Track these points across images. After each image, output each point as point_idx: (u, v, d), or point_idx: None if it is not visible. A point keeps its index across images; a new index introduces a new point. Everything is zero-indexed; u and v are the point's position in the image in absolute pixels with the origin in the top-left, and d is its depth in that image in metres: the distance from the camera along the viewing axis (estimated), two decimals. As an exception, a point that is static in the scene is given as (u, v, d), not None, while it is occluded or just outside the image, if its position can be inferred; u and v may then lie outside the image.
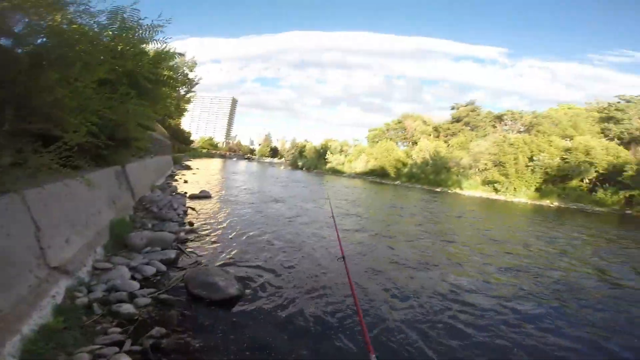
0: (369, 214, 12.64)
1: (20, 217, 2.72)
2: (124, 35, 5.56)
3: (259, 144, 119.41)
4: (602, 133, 35.05)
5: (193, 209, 8.92)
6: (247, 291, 4.07)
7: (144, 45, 6.03)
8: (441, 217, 13.82)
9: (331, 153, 54.71)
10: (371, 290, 4.59)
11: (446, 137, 50.84)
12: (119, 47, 5.53)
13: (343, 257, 2.70)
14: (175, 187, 12.60)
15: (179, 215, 7.57)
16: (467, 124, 52.77)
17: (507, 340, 3.58)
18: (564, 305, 4.73)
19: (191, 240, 5.90)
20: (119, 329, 2.72)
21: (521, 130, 42.58)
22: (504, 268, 6.42)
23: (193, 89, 33.11)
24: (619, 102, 39.52)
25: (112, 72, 4.70)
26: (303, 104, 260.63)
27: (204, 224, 7.45)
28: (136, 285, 3.62)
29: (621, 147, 29.85)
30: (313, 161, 57.22)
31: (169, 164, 21.30)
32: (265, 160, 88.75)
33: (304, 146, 70.65)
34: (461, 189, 32.69)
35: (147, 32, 5.82)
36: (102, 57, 4.64)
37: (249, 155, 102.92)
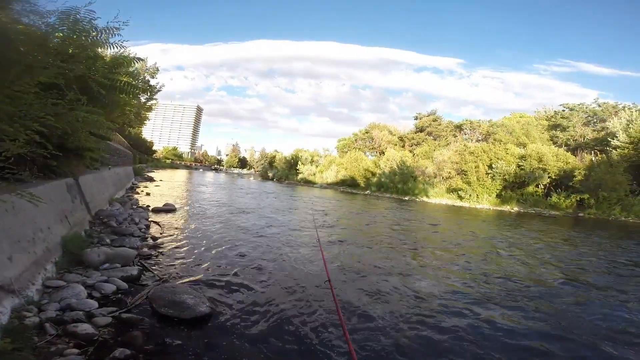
0: (343, 222, 12.65)
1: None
2: (75, 37, 5.16)
3: (227, 154, 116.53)
4: (551, 140, 38.28)
5: (156, 222, 8.38)
6: (219, 308, 3.80)
7: (99, 49, 5.62)
8: (412, 224, 14.03)
9: (302, 163, 54.59)
10: (351, 302, 4.49)
11: (411, 146, 52.96)
12: (70, 50, 5.11)
13: (329, 280, 2.71)
14: (137, 200, 11.78)
15: (140, 229, 7.06)
16: (429, 133, 55.42)
17: (480, 343, 3.65)
18: (528, 307, 4.88)
19: (155, 257, 5.47)
20: (76, 350, 2.41)
21: (479, 138, 45.35)
22: (481, 273, 6.53)
23: (155, 97, 31.73)
24: (563, 110, 43.64)
25: (61, 77, 4.28)
26: (272, 114, 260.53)
27: (169, 238, 6.97)
28: (94, 304, 3.26)
29: (569, 154, 32.73)
30: (284, 172, 56.72)
31: (130, 176, 20.04)
32: (234, 171, 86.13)
33: (274, 156, 69.97)
34: (427, 197, 33.90)
35: (102, 35, 5.46)
36: (49, 60, 4.26)
37: (216, 166, 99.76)
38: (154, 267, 4.90)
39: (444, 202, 32.18)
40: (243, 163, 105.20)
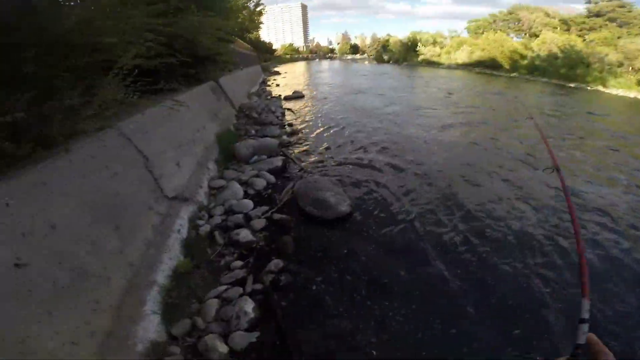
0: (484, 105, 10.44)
1: (124, 152, 2.56)
2: None
3: (338, 43, 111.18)
4: None
5: (290, 109, 8.90)
6: (360, 207, 3.72)
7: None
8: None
9: (423, 45, 47.33)
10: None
11: (580, 31, 38.50)
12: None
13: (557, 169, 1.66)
14: (270, 92, 12.74)
15: (277, 117, 7.54)
16: (612, 19, 38.35)
17: None
18: None
19: (294, 144, 5.78)
20: (240, 263, 2.65)
21: None
22: None
23: (261, 2, 31.21)
24: None
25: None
26: None
27: (303, 124, 7.33)
28: (250, 204, 3.54)
29: None
30: (401, 54, 50.75)
31: (259, 73, 21.69)
32: (347, 57, 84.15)
33: (387, 40, 62.70)
34: (605, 86, 24.95)
35: None
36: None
37: (330, 54, 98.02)
38: (294, 156, 5.16)
39: (632, 95, 23.06)
40: (355, 49, 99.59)
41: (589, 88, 25.42)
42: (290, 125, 7.08)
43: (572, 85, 26.25)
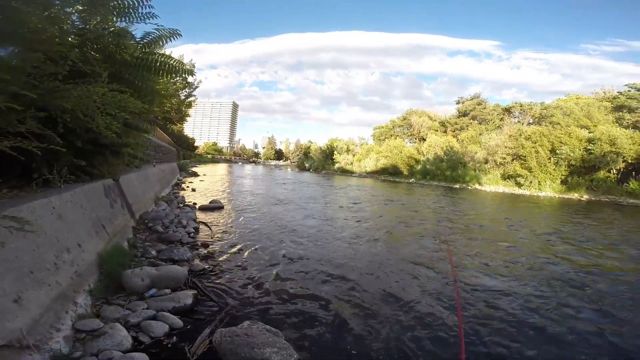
0: (398, 212, 11.19)
1: None
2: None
3: (263, 147, 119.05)
4: (617, 122, 33.39)
5: (205, 224, 7.49)
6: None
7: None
8: (470, 213, 12.78)
9: (338, 153, 53.70)
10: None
11: (454, 132, 49.73)
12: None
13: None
14: (183, 198, 11.17)
15: (189, 234, 6.16)
16: (474, 117, 51.59)
17: None
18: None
19: (209, 272, 4.41)
20: None
21: (530, 122, 41.14)
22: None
23: (194, 93, 32.05)
24: (629, 91, 37.92)
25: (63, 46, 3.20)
26: (304, 105, 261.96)
27: (221, 244, 5.98)
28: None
29: (645, 135, 28.10)
30: (320, 162, 56.07)
31: (175, 172, 19.98)
32: (271, 163, 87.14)
33: (309, 147, 69.91)
34: (480, 184, 31.18)
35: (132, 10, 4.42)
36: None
37: (254, 158, 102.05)
38: (210, 288, 3.85)
39: (500, 189, 29.34)
40: (279, 155, 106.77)
41: (469, 187, 30.92)
42: (206, 245, 5.72)
43: (456, 186, 31.68)
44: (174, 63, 4.63)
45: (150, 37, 4.58)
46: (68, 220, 3.13)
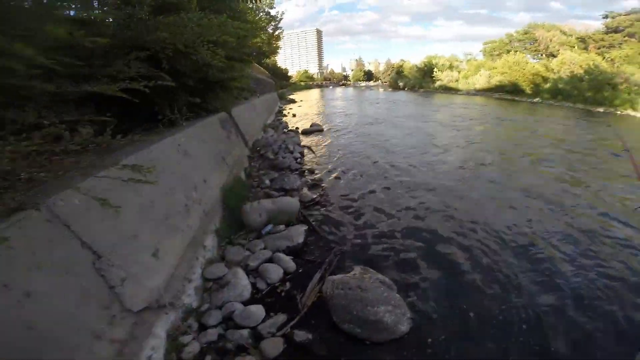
0: (518, 135, 9.07)
1: (56, 248, 1.52)
2: None
3: (352, 70, 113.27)
4: None
5: (309, 148, 7.81)
6: (425, 315, 2.46)
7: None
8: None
9: (439, 70, 46.93)
10: None
11: (599, 49, 37.28)
12: None
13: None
14: (286, 123, 11.78)
15: (296, 159, 6.44)
16: (631, 35, 37.11)
17: None
18: None
19: (317, 203, 4.49)
20: None
21: None
22: None
23: (279, 26, 31.53)
24: None
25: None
26: (390, 23, 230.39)
27: (326, 169, 6.14)
28: (259, 312, 2.35)
29: None
30: (417, 80, 50.35)
31: (276, 101, 20.96)
32: (362, 84, 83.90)
33: (401, 66, 62.89)
34: (636, 110, 23.37)
35: None
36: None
37: (343, 81, 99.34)
38: (319, 223, 3.88)
39: None
40: (369, 76, 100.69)
41: (618, 113, 23.83)
42: (312, 172, 5.92)
43: (600, 109, 24.72)
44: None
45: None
46: (193, 155, 3.33)
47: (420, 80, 49.67)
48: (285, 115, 15.44)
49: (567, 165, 6.59)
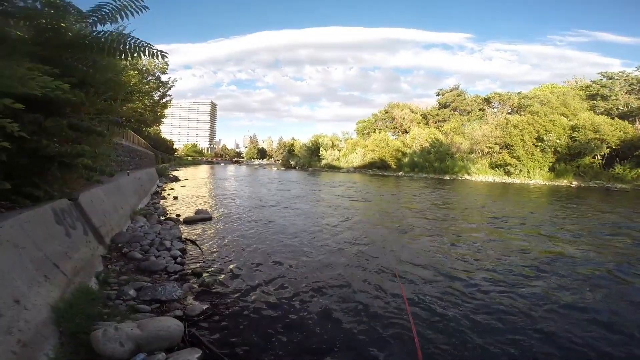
0: (390, 207, 10.69)
1: None
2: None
3: (245, 147, 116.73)
4: (591, 110, 34.25)
5: (193, 242, 6.26)
6: None
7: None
8: (467, 204, 12.61)
9: (323, 149, 53.05)
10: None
11: (436, 123, 50.33)
12: None
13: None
14: (164, 209, 9.84)
15: (175, 259, 4.95)
16: (455, 109, 52.45)
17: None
18: None
19: (210, 315, 3.31)
20: None
21: (509, 112, 41.85)
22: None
23: (169, 93, 30.06)
24: (601, 79, 39.07)
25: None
26: (284, 103, 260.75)
27: (216, 268, 4.86)
28: None
29: (625, 122, 28.88)
30: (306, 159, 55.22)
31: (153, 179, 18.12)
32: (255, 163, 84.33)
33: (292, 144, 68.90)
34: (469, 174, 31.25)
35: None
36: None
37: (236, 158, 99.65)
38: (221, 347, 2.76)
39: (490, 179, 29.46)
40: (262, 154, 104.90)
41: (459, 178, 30.96)
42: (198, 275, 4.49)
43: (446, 177, 31.65)
44: (137, 42, 3.48)
45: (104, 9, 3.41)
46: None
47: (309, 159, 54.55)
48: (164, 198, 13.16)
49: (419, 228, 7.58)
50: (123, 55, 3.50)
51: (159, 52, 3.63)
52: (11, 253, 2.39)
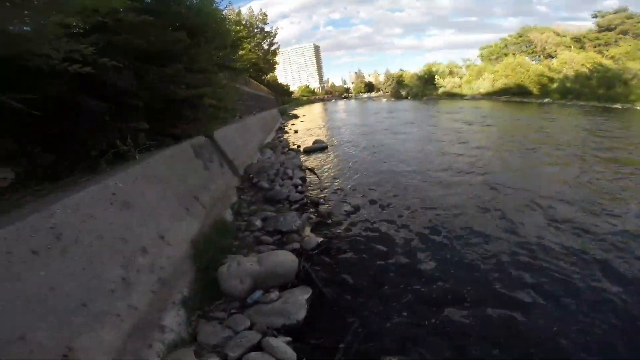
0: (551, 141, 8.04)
1: None
2: None
3: (352, 82, 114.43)
4: None
5: (312, 170, 6.63)
6: None
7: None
8: None
9: (439, 77, 46.65)
10: None
11: (596, 47, 37.27)
12: None
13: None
14: (287, 141, 10.76)
15: (296, 187, 5.31)
16: (624, 32, 37.22)
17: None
18: None
19: (324, 250, 3.35)
20: None
21: None
22: None
23: (275, 41, 31.36)
24: None
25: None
26: (384, 36, 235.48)
27: (333, 198, 4.99)
28: None
29: None
30: (419, 88, 50.03)
31: (276, 118, 20.09)
32: (363, 96, 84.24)
33: (401, 75, 63.22)
34: None
35: None
36: None
37: (345, 94, 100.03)
38: (330, 287, 2.76)
39: None
40: (370, 87, 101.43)
41: (638, 107, 22.72)
42: (316, 203, 4.68)
43: (618, 106, 23.61)
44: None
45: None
46: (140, 205, 2.35)
47: (423, 88, 49.38)
48: (286, 132, 14.55)
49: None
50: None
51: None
52: (158, 187, 2.69)
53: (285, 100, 44.72)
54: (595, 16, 43.61)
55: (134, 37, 2.50)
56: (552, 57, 38.54)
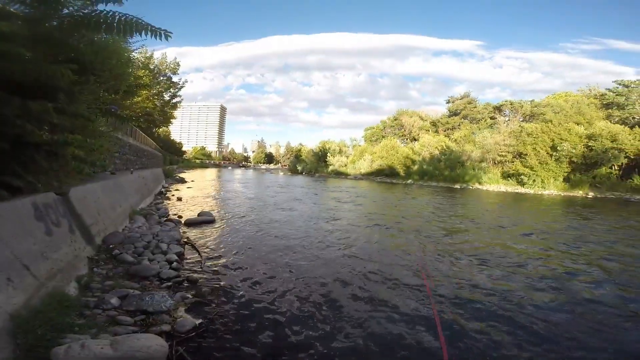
0: (404, 216, 10.26)
1: None
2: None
3: (253, 151, 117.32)
4: (607, 119, 33.09)
5: (192, 245, 5.82)
6: None
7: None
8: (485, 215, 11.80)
9: (331, 155, 52.67)
10: None
11: (445, 131, 49.63)
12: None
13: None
14: (166, 210, 9.38)
15: (170, 264, 4.53)
16: (465, 117, 51.58)
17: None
18: None
19: (202, 333, 2.87)
20: None
21: (522, 120, 40.91)
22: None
23: (179, 94, 30.16)
24: (617, 87, 37.92)
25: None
26: (291, 108, 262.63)
27: (216, 277, 4.41)
28: None
29: (644, 131, 27.76)
30: (313, 165, 54.89)
31: (159, 179, 17.95)
32: (262, 167, 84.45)
33: (299, 150, 68.90)
34: (480, 183, 30.42)
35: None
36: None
37: (244, 163, 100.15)
38: None
39: (502, 188, 28.61)
40: (269, 158, 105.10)
41: (470, 187, 30.15)
42: (194, 282, 4.11)
43: (456, 186, 30.84)
44: (137, 20, 3.14)
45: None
46: None
47: (316, 165, 54.19)
48: (168, 199, 12.78)
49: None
50: (122, 34, 3.16)
51: (161, 31, 3.30)
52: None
53: (174, 160, 41.46)
54: (448, 101, 57.03)
55: None
56: (416, 140, 48.05)
